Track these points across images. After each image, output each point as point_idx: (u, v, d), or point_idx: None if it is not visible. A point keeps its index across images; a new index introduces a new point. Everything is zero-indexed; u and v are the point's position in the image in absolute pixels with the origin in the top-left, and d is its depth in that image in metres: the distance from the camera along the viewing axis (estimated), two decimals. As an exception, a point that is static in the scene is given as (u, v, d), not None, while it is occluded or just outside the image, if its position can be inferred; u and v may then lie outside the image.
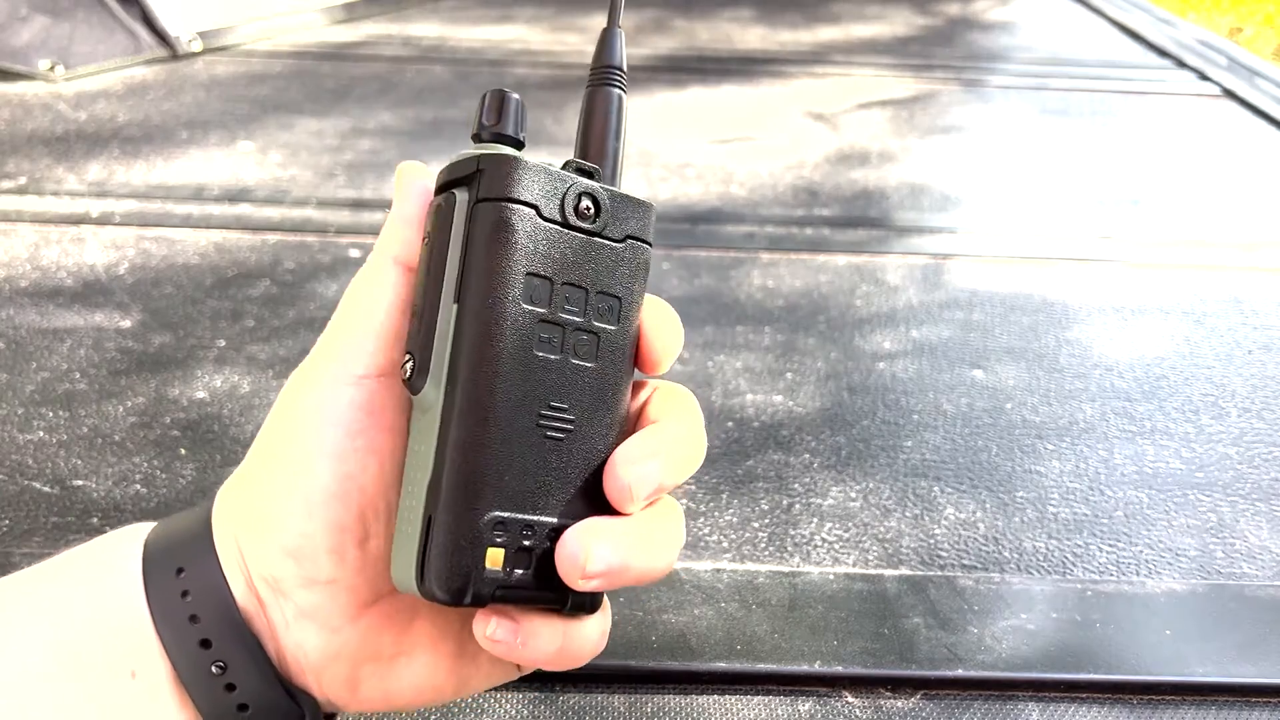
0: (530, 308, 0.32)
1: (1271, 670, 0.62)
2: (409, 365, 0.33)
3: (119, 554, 0.34)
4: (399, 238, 0.36)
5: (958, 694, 0.61)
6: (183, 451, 0.80)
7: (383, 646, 0.35)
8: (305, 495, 0.33)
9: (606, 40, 0.36)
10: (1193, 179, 1.41)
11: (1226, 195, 1.36)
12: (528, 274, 0.32)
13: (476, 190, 0.32)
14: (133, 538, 0.35)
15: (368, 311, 0.35)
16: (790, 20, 2.08)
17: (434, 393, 0.32)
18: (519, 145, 0.34)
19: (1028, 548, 0.73)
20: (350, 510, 0.33)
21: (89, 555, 0.35)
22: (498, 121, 0.34)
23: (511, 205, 0.32)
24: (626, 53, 0.38)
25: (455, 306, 0.32)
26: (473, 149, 0.34)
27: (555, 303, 0.32)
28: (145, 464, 0.78)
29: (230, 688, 0.33)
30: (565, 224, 0.33)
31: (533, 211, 0.32)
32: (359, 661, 0.35)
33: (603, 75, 0.36)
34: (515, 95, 0.34)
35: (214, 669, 0.32)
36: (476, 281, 0.31)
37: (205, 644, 0.32)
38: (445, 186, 0.34)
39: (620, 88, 0.35)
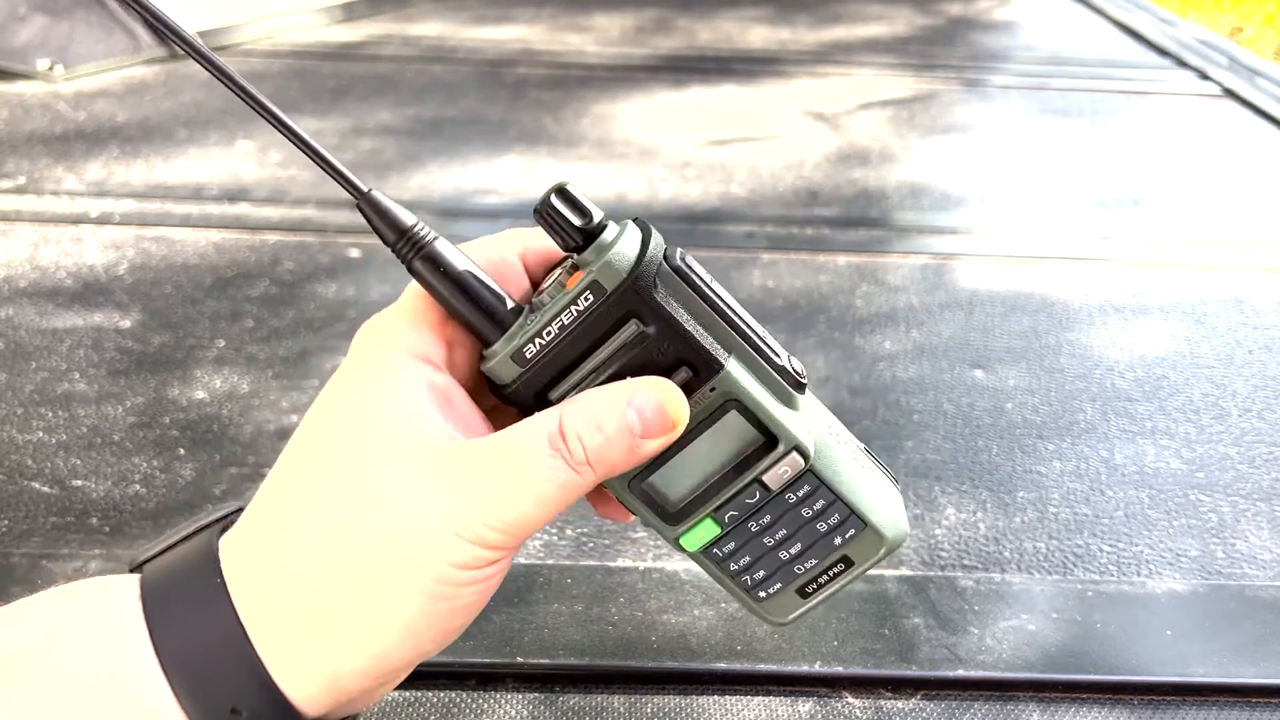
0: None
1: (1272, 671, 0.62)
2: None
3: (140, 688, 0.31)
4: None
5: (958, 695, 0.60)
6: (182, 451, 0.79)
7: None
8: (438, 639, 0.33)
9: (377, 207, 0.34)
10: (1193, 179, 1.40)
11: (1227, 195, 1.36)
12: None
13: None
14: (144, 664, 0.31)
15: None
16: (791, 20, 2.08)
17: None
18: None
19: (1028, 548, 0.72)
20: (459, 631, 0.34)
21: (101, 693, 0.31)
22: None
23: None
24: (625, 51, 0.39)
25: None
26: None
27: None
28: (144, 464, 0.78)
29: None
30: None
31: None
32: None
33: (412, 244, 0.34)
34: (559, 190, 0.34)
35: None
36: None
37: None
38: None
39: (435, 238, 0.35)
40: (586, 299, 0.33)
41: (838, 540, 0.37)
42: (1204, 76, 1.78)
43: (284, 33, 1.85)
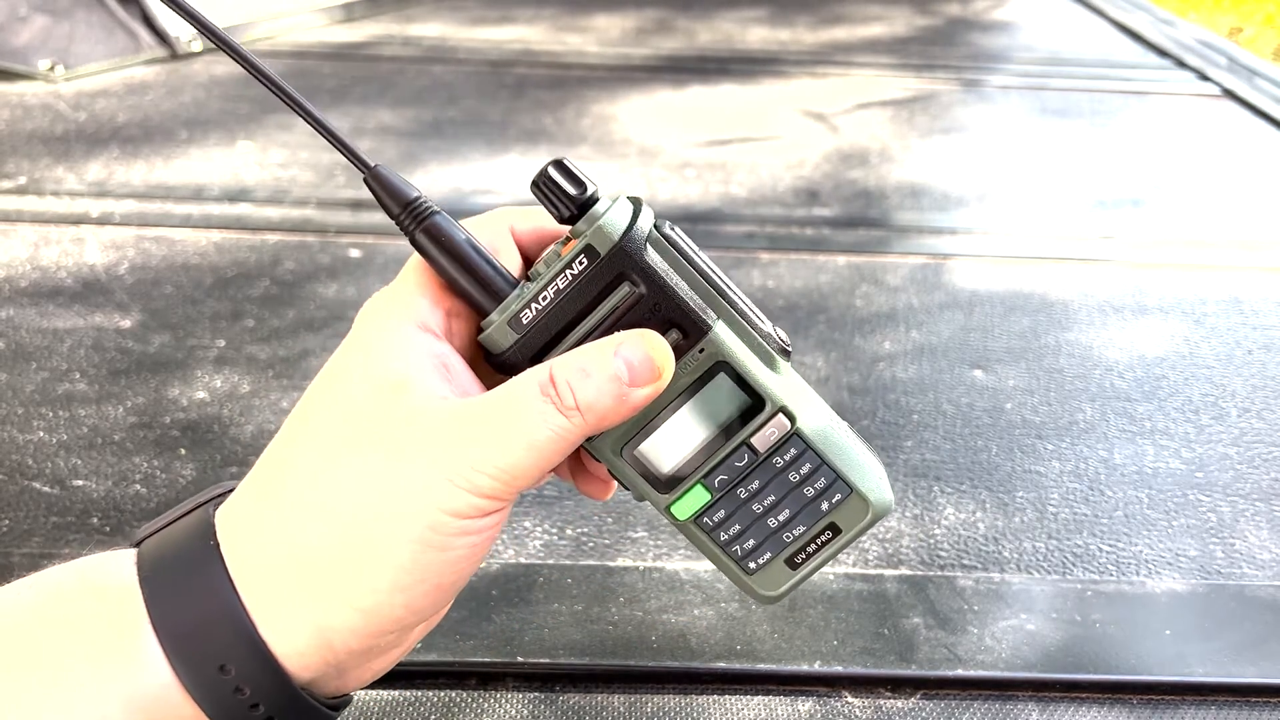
0: None
1: (1271, 670, 0.62)
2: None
3: (133, 644, 0.32)
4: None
5: (957, 694, 0.61)
6: (182, 451, 0.80)
7: (410, 638, 0.37)
8: (430, 594, 0.33)
9: (383, 181, 0.36)
10: (1193, 179, 1.40)
11: (1226, 195, 1.36)
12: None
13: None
14: (135, 618, 0.32)
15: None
16: (791, 20, 2.08)
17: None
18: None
19: (1027, 548, 0.73)
20: (452, 591, 0.34)
21: (92, 644, 0.32)
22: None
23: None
24: (625, 51, 0.40)
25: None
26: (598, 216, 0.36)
27: None
28: (145, 464, 0.78)
29: None
30: None
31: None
32: (402, 650, 0.36)
33: (415, 217, 0.36)
34: (555, 163, 0.36)
35: None
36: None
37: (255, 706, 0.32)
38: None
39: (438, 211, 0.36)
40: (580, 263, 0.35)
41: (825, 505, 0.38)
42: (1203, 77, 1.78)
43: (285, 33, 1.85)
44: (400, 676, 0.60)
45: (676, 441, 0.37)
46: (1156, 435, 0.86)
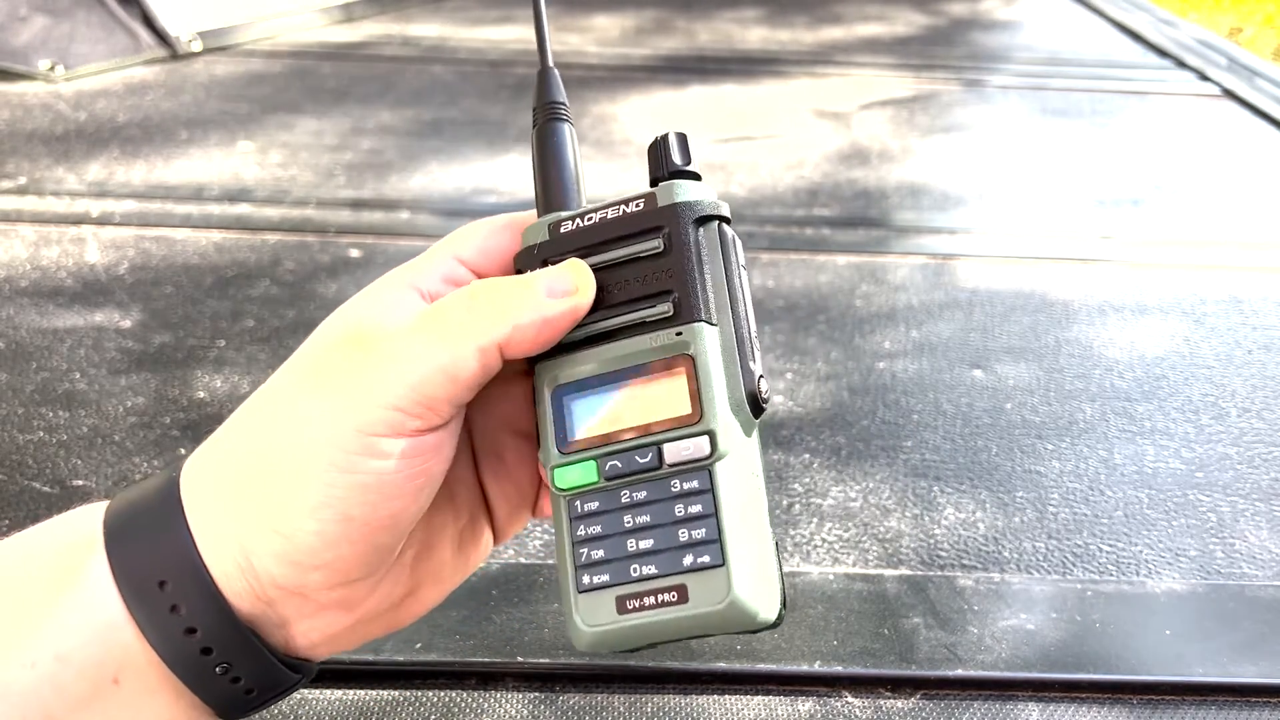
0: None
1: (1272, 670, 0.62)
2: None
3: (84, 564, 0.33)
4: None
5: (957, 694, 0.61)
6: (182, 452, 0.80)
7: (395, 598, 0.36)
8: (340, 522, 0.32)
9: (545, 80, 0.40)
10: (1193, 179, 1.40)
11: (1227, 195, 1.36)
12: None
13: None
14: (91, 541, 0.33)
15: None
16: (791, 20, 2.08)
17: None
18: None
19: (1027, 548, 0.73)
20: (394, 538, 0.33)
21: (48, 567, 0.33)
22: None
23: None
24: (625, 51, 0.41)
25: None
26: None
27: None
28: (145, 464, 0.78)
29: (235, 680, 0.33)
30: None
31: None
32: (370, 620, 0.35)
33: (549, 111, 0.40)
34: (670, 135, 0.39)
35: (218, 670, 0.32)
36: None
37: (206, 650, 0.32)
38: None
39: (568, 121, 0.40)
40: (636, 205, 0.36)
41: (687, 560, 0.33)
42: (1203, 77, 1.78)
43: (284, 32, 1.85)
44: (400, 676, 0.60)
45: (602, 408, 0.35)
46: (1156, 435, 0.86)
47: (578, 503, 0.35)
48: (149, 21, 1.72)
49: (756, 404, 0.35)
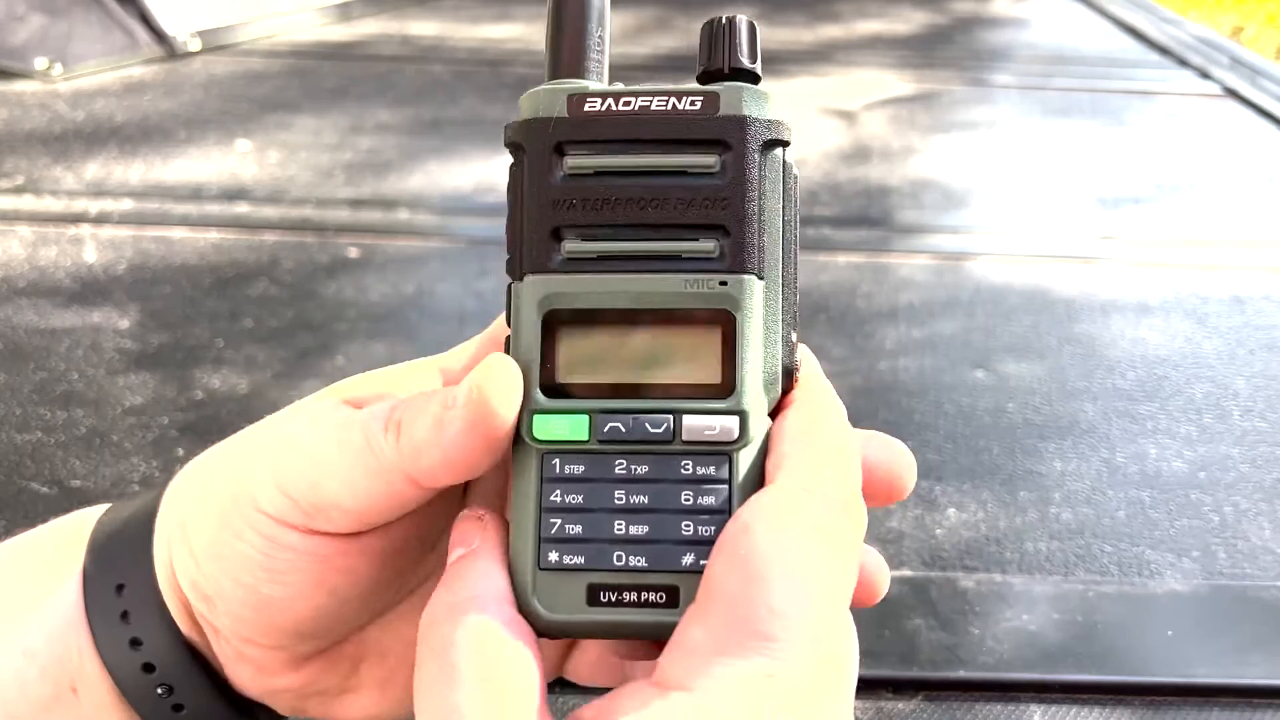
0: None
1: (1275, 672, 0.62)
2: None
3: (61, 561, 0.32)
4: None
5: (959, 695, 0.60)
6: (180, 452, 0.79)
7: (328, 686, 0.33)
8: (229, 579, 0.30)
9: None
10: (1195, 178, 1.40)
11: (1228, 194, 1.36)
12: None
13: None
14: (77, 540, 0.33)
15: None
16: (790, 18, 2.08)
17: None
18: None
19: (1029, 548, 0.72)
20: (293, 622, 0.31)
21: (44, 564, 0.33)
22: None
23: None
24: (626, 50, 0.36)
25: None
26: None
27: None
28: (143, 464, 0.78)
29: (178, 708, 0.32)
30: None
31: None
32: (303, 696, 0.33)
33: None
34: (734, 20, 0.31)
35: (159, 691, 0.31)
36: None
37: (148, 668, 0.31)
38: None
39: None
40: (693, 103, 0.29)
41: (687, 559, 0.28)
42: (1205, 76, 1.78)
43: (282, 32, 1.84)
44: (399, 678, 0.60)
45: (607, 350, 0.29)
46: (1159, 435, 0.86)
47: (557, 462, 0.28)
48: (147, 21, 1.71)
49: (790, 380, 0.30)
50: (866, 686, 0.60)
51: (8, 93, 1.52)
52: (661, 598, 0.28)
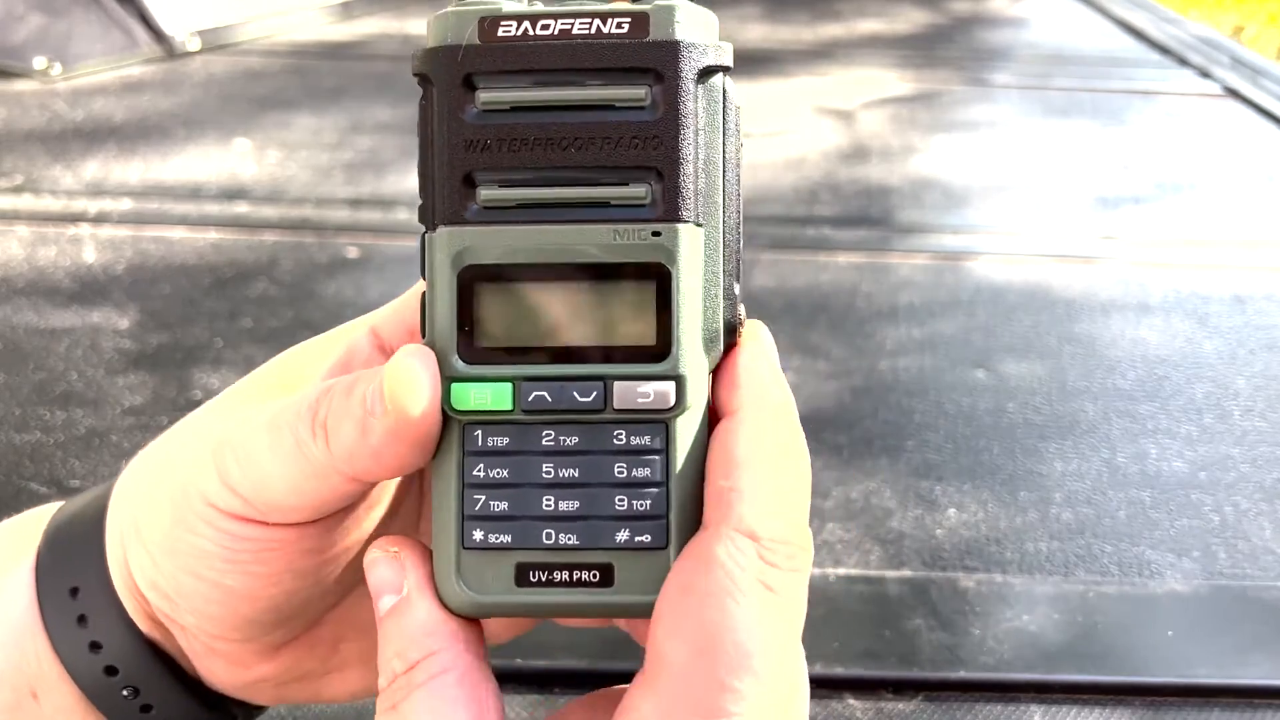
0: None
1: (1275, 672, 0.62)
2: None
3: (12, 564, 0.31)
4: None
5: (960, 696, 0.60)
6: (180, 452, 0.79)
7: (309, 670, 0.33)
8: (189, 575, 0.29)
9: None
10: (1195, 178, 1.40)
11: (1229, 194, 1.36)
12: None
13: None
14: (29, 541, 0.32)
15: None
16: (791, 17, 2.08)
17: None
18: None
19: (1030, 549, 0.72)
20: (257, 613, 0.30)
21: None
22: None
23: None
24: None
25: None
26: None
27: None
28: (142, 464, 0.77)
29: (146, 708, 0.31)
30: None
31: None
32: (283, 684, 0.32)
33: None
34: None
35: (124, 693, 0.31)
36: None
37: (111, 671, 0.30)
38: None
39: None
40: (619, 25, 0.25)
41: (621, 535, 0.26)
42: (1206, 75, 1.78)
43: (282, 31, 1.84)
44: (398, 679, 0.60)
45: (528, 311, 0.26)
46: (1159, 435, 0.86)
47: (479, 434, 0.26)
48: (146, 20, 1.71)
49: (733, 335, 0.27)
50: (866, 686, 0.60)
51: (7, 92, 1.52)
52: (595, 576, 0.26)
